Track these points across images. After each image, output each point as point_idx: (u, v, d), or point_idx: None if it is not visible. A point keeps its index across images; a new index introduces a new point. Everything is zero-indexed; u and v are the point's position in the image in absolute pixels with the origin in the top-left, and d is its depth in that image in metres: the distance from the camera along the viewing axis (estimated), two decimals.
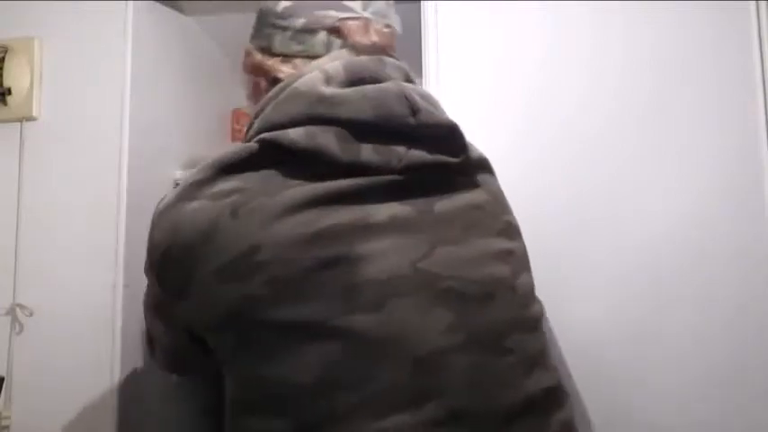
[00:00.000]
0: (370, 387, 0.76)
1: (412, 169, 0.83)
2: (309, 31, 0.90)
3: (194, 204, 0.82)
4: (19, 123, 1.33)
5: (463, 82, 1.21)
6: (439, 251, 0.81)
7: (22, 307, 1.27)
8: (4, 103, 1.34)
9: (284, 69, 0.90)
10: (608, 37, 1.20)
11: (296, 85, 0.84)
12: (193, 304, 0.82)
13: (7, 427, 1.24)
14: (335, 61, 0.86)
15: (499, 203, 0.92)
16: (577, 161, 1.16)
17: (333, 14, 0.90)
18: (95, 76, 1.32)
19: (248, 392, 0.81)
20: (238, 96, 1.70)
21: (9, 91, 1.33)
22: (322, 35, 0.90)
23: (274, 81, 0.90)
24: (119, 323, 1.24)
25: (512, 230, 0.91)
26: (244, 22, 1.02)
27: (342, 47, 0.90)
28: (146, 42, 1.36)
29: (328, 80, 0.84)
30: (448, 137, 0.86)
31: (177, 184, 0.86)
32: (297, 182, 0.81)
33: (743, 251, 1.11)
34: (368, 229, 0.79)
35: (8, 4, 1.36)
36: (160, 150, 1.41)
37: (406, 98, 0.83)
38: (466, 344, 0.79)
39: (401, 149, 0.82)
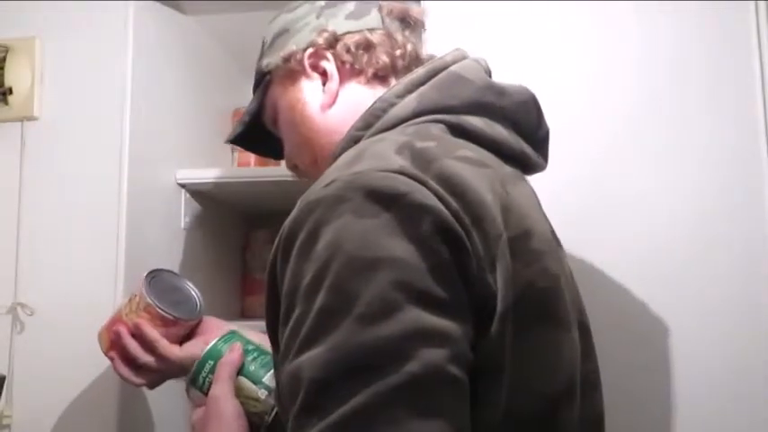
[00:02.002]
0: (580, 405, 0.76)
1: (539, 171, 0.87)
2: (364, 9, 0.90)
3: (453, 162, 0.70)
4: (20, 123, 1.33)
5: None
6: (574, 282, 0.83)
7: (23, 306, 1.27)
8: (6, 102, 1.34)
9: (352, 36, 0.88)
10: (610, 37, 1.20)
11: (454, 69, 0.83)
12: (499, 275, 0.67)
13: (8, 426, 1.25)
14: (467, 58, 0.86)
15: None
16: (582, 161, 1.17)
17: None
18: (96, 76, 1.32)
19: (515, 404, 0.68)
20: (239, 96, 1.71)
21: (10, 90, 1.34)
22: (374, 12, 0.90)
23: (345, 46, 0.88)
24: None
25: None
26: (245, 21, 1.02)
27: (400, 26, 0.90)
28: (146, 42, 1.36)
29: (484, 71, 0.85)
30: (545, 144, 0.89)
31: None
32: (512, 172, 0.80)
33: (745, 249, 1.12)
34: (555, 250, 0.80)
35: (8, 4, 1.36)
36: (161, 150, 1.41)
37: (537, 102, 0.86)
38: (590, 376, 0.81)
39: (532, 151, 0.85)
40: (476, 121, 0.79)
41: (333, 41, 0.89)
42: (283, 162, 1.56)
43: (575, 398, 0.75)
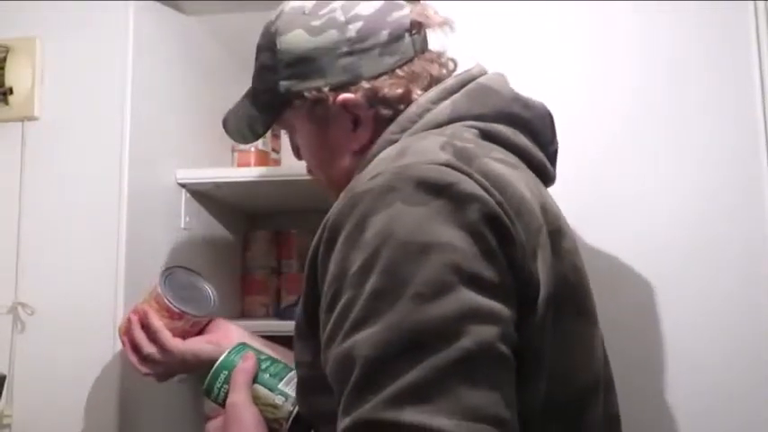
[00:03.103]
0: (605, 398, 0.79)
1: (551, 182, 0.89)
2: (396, 38, 0.86)
3: (491, 161, 0.74)
4: (20, 123, 1.33)
5: None
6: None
7: (23, 305, 1.27)
8: (6, 102, 1.34)
9: (392, 84, 0.84)
10: (609, 37, 1.20)
11: (483, 81, 0.85)
12: (540, 264, 0.70)
13: (9, 425, 1.25)
14: (489, 72, 0.88)
15: None
16: (582, 161, 1.17)
17: (402, 12, 0.87)
18: (96, 76, 1.32)
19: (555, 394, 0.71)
20: (239, 96, 1.71)
21: (10, 90, 1.34)
22: (407, 37, 0.87)
23: (383, 101, 0.85)
24: (120, 322, 1.24)
25: None
26: (245, 21, 1.02)
27: (424, 39, 0.89)
28: (146, 42, 1.36)
29: (507, 83, 0.87)
30: (555, 159, 0.91)
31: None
32: (537, 178, 0.83)
33: (745, 249, 1.12)
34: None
35: (8, 4, 1.36)
36: (161, 150, 1.41)
37: (552, 118, 0.89)
38: (608, 378, 0.84)
39: (548, 162, 0.88)
40: (504, 129, 0.82)
41: (372, 96, 0.85)
42: (283, 162, 1.58)
43: (599, 395, 0.77)
